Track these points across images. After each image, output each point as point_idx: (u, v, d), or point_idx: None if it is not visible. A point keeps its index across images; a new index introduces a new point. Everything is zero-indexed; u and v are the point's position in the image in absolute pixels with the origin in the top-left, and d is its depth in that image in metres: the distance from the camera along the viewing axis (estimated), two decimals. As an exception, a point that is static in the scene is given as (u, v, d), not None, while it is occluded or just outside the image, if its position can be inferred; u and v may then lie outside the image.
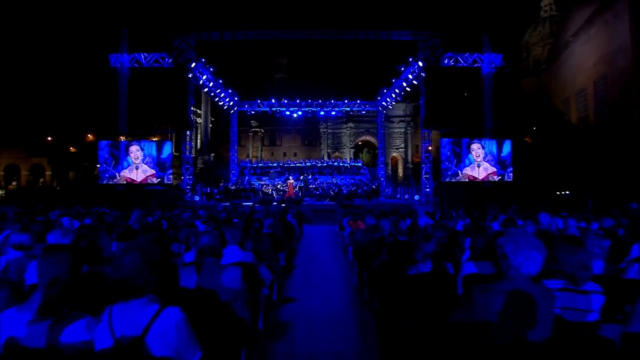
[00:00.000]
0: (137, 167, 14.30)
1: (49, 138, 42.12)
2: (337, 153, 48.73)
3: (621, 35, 25.46)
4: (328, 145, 51.12)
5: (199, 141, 46.14)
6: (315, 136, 53.25)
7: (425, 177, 16.00)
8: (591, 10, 29.59)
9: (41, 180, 41.97)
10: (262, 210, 9.52)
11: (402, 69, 16.91)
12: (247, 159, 30.42)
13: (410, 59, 15.84)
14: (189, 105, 15.26)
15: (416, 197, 16.42)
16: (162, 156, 14.51)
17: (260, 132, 54.73)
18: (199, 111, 44.57)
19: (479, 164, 14.73)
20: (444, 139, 15.08)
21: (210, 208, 11.24)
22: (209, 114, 39.92)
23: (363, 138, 51.82)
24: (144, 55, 15.15)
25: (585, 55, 30.75)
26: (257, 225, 5.19)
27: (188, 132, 16.06)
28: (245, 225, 4.91)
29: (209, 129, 41.33)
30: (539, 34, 44.64)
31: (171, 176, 14.76)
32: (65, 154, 40.47)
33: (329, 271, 6.60)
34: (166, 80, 15.01)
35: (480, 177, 14.79)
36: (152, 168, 14.49)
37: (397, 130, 49.43)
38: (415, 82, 16.60)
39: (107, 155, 14.53)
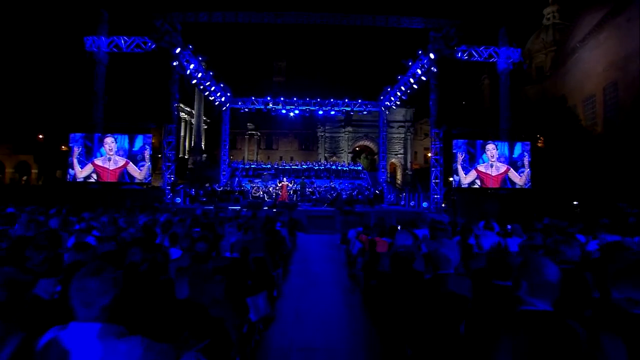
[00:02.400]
0: (110, 159, 13.31)
1: (40, 136, 40.37)
2: (334, 158, 47.29)
3: (634, 39, 24.44)
4: (325, 150, 49.73)
5: (192, 141, 44.45)
6: (313, 140, 51.92)
7: (434, 182, 14.48)
8: (600, 15, 28.63)
9: (24, 177, 40.10)
10: (248, 216, 7.89)
11: (410, 63, 15.50)
12: (239, 161, 28.83)
13: (420, 52, 14.44)
14: (173, 96, 13.68)
15: (424, 204, 14.87)
16: (134, 149, 13.30)
17: (257, 135, 53.27)
18: (192, 111, 42.93)
19: (492, 164, 14.25)
20: (457, 140, 13.73)
21: (187, 212, 9.62)
22: (202, 112, 38.30)
23: (361, 143, 50.51)
24: (124, 39, 13.55)
25: (594, 61, 29.73)
26: (202, 249, 2.75)
27: (171, 127, 14.43)
28: (190, 246, 2.93)
29: (203, 129, 39.70)
30: (542, 41, 43.98)
31: (144, 169, 13.29)
32: (55, 151, 38.63)
33: (333, 312, 4.56)
34: (149, 68, 13.53)
35: (493, 175, 14.20)
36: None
37: (396, 135, 48.12)
38: (424, 77, 15.19)
39: (80, 147, 13.34)
